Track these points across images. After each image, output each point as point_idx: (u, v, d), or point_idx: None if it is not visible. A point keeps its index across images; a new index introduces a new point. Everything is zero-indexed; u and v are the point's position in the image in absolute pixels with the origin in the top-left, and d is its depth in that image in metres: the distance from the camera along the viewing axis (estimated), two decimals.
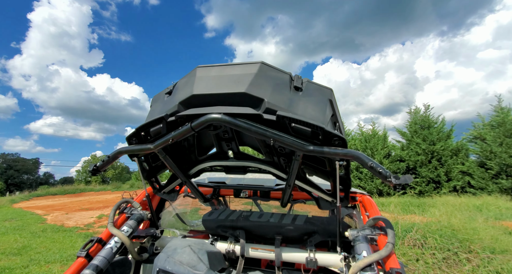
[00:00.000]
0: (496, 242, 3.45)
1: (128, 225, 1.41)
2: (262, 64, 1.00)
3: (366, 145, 17.59)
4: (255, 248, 1.44)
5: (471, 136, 15.13)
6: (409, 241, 3.38)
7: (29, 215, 13.22)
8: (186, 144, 1.33)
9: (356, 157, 0.93)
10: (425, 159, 15.42)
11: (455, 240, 3.36)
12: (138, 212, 1.52)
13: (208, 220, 1.60)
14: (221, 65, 1.05)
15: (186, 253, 1.20)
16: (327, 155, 0.96)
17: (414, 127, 16.96)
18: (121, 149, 1.26)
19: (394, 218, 4.14)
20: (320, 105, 1.03)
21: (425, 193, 14.90)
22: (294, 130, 0.96)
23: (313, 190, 1.30)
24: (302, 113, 0.98)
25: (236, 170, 1.45)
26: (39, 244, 6.92)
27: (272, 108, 0.95)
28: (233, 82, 0.98)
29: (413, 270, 2.84)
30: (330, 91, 1.09)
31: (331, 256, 1.32)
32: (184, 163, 1.42)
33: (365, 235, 1.14)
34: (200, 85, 1.01)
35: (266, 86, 0.98)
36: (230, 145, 1.28)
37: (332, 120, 1.08)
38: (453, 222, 3.94)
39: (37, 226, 9.74)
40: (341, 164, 1.04)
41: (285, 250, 1.39)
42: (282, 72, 1.04)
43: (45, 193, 27.53)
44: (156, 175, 1.51)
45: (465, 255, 3.05)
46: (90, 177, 49.83)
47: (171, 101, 1.09)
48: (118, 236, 1.31)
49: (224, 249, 1.46)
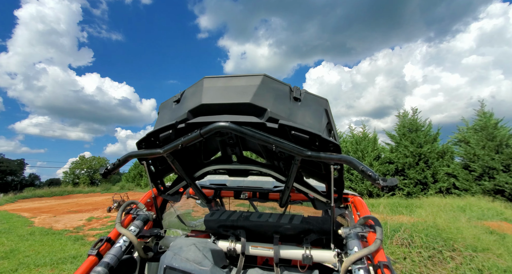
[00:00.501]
0: (478, 241, 3.64)
1: (135, 225, 1.47)
2: (265, 77, 1.09)
3: (357, 147, 17.94)
4: (255, 246, 1.52)
5: (456, 139, 15.67)
6: (397, 240, 3.53)
7: (15, 217, 12.85)
8: (192, 149, 1.40)
9: (349, 162, 1.02)
10: (413, 161, 15.86)
11: (440, 239, 3.53)
12: (143, 212, 1.59)
13: (210, 220, 1.67)
14: (227, 76, 1.13)
15: (191, 250, 1.27)
16: (323, 160, 1.05)
17: (402, 130, 17.43)
18: (132, 153, 1.31)
19: (383, 218, 4.30)
20: (317, 114, 1.13)
21: (413, 194, 15.33)
22: (294, 137, 1.04)
23: (310, 192, 1.39)
24: (301, 122, 1.07)
25: (239, 173, 1.53)
26: (28, 247, 6.76)
27: (274, 117, 1.03)
28: (239, 93, 1.06)
29: (401, 268, 2.98)
30: (325, 101, 1.19)
31: (325, 253, 1.40)
32: (190, 166, 1.49)
33: (356, 232, 1.24)
34: (208, 95, 1.08)
35: (269, 97, 1.06)
36: (234, 149, 1.36)
37: (327, 128, 1.17)
38: (438, 222, 4.12)
39: (24, 229, 9.48)
40: (335, 167, 1.13)
41: (283, 248, 1.47)
42: (282, 84, 1.12)
43: (31, 195, 26.72)
44: (162, 177, 1.58)
45: (449, 253, 3.21)
46: (78, 178, 48.63)
47: (180, 109, 1.16)
48: (126, 235, 1.37)
49: (225, 247, 1.53)
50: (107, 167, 1.36)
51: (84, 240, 7.34)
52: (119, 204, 14.42)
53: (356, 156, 17.75)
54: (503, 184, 11.79)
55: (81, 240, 7.38)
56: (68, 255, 5.72)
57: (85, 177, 48.13)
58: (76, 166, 49.44)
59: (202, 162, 1.49)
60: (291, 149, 1.04)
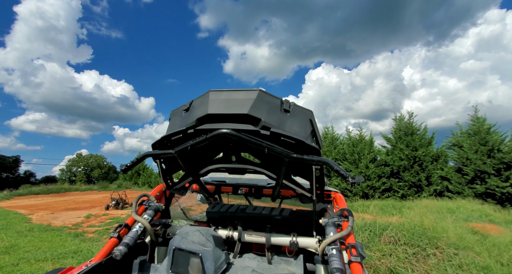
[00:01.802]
0: (461, 240, 3.85)
1: (148, 214, 1.71)
2: (260, 91, 1.31)
3: (354, 150, 18.21)
4: (250, 234, 1.77)
5: (450, 143, 15.99)
6: (385, 238, 3.73)
7: (12, 214, 12.83)
8: (198, 150, 1.61)
9: (326, 163, 1.24)
10: (408, 164, 16.16)
11: (425, 237, 3.74)
12: (155, 204, 1.82)
13: (212, 212, 1.93)
14: (228, 90, 1.35)
15: (196, 235, 1.49)
16: (306, 161, 1.27)
17: (398, 133, 17.73)
18: (147, 152, 1.55)
19: (373, 218, 4.51)
20: (302, 123, 1.36)
21: (407, 196, 15.61)
22: (283, 142, 1.26)
23: (297, 188, 1.61)
24: (289, 130, 1.29)
25: (237, 171, 1.75)
26: (27, 243, 6.82)
27: (267, 125, 1.25)
28: (238, 105, 1.27)
29: (386, 263, 3.18)
30: (310, 112, 1.42)
31: (308, 240, 1.65)
32: (196, 165, 1.72)
33: (334, 221, 1.48)
34: (213, 106, 1.30)
35: (263, 109, 1.28)
36: (234, 151, 1.59)
37: (312, 134, 1.41)
38: (425, 222, 4.34)
39: (22, 225, 9.53)
40: (316, 167, 1.35)
41: (274, 236, 1.71)
42: (274, 98, 1.35)
43: (27, 192, 26.64)
44: (171, 174, 1.80)
45: (432, 250, 3.42)
46: (75, 176, 48.51)
47: (190, 117, 1.38)
48: (141, 222, 1.60)
49: (224, 235, 1.78)
50: (126, 164, 1.60)
51: (84, 236, 7.46)
52: (117, 202, 14.54)
53: (353, 158, 18.01)
54: (494, 188, 12.09)
55: (80, 236, 7.51)
56: (69, 250, 5.84)
57: (82, 175, 48.03)
58: (72, 164, 49.32)
59: (206, 161, 1.71)
60: (280, 152, 1.26)
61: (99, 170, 49.37)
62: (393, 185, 16.41)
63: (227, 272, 1.43)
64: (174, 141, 1.43)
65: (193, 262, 1.39)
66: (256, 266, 1.50)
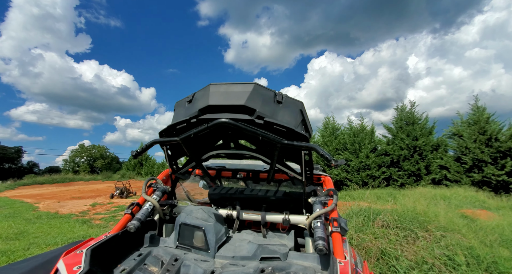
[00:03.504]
0: (450, 223, 4.04)
1: (156, 195, 1.90)
2: (256, 85, 1.45)
3: (354, 139, 18.32)
4: (247, 213, 1.96)
5: (450, 132, 16.05)
6: (378, 222, 3.92)
7: (18, 203, 13.17)
8: (200, 137, 1.77)
9: (313, 148, 1.39)
10: (408, 153, 16.31)
11: (416, 221, 3.92)
12: (162, 186, 2.00)
13: (213, 194, 2.12)
14: (227, 84, 1.49)
15: (199, 212, 1.66)
16: (295, 147, 1.42)
17: (399, 123, 17.79)
18: (155, 140, 1.72)
19: (369, 205, 4.70)
20: (293, 113, 1.51)
21: (406, 185, 15.86)
22: (275, 130, 1.41)
23: (289, 171, 1.76)
24: (281, 119, 1.44)
25: (236, 156, 1.93)
26: (36, 229, 7.01)
27: (261, 115, 1.40)
28: (236, 97, 1.42)
29: (378, 245, 3.37)
30: (301, 103, 1.57)
31: (299, 217, 1.84)
32: (198, 151, 1.88)
33: (320, 200, 1.65)
34: (213, 98, 1.45)
35: (258, 100, 1.42)
36: (232, 139, 1.74)
37: (302, 123, 1.57)
38: (418, 208, 4.53)
39: (30, 213, 9.80)
40: (305, 153, 1.51)
41: (268, 214, 1.90)
42: (268, 90, 1.49)
43: (32, 182, 27.21)
44: (176, 159, 1.98)
45: (422, 233, 3.60)
46: (78, 166, 49.16)
47: (193, 108, 1.53)
48: (150, 201, 1.78)
49: (224, 213, 1.97)
50: (136, 150, 1.81)
51: (91, 223, 7.74)
52: (122, 191, 14.91)
53: (353, 148, 18.17)
54: (490, 176, 12.28)
55: (88, 222, 7.78)
56: (78, 235, 6.09)
57: (85, 165, 48.68)
58: (76, 154, 49.87)
59: (208, 147, 1.88)
60: (273, 138, 1.41)
61: (102, 160, 49.95)
62: (393, 174, 16.64)
63: (226, 243, 1.60)
64: (179, 129, 1.59)
65: (197, 235, 1.56)
66: (252, 239, 1.67)
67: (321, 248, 1.26)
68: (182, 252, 1.54)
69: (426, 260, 3.18)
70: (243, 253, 1.47)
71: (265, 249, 1.48)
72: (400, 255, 3.25)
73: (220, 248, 1.53)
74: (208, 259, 1.46)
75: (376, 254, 3.30)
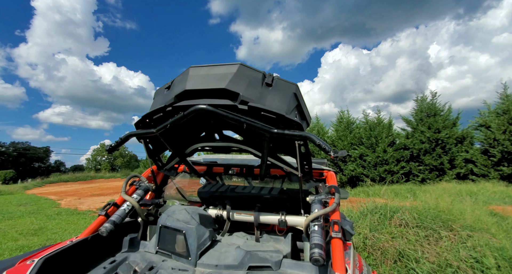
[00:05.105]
0: (478, 222, 3.66)
1: (137, 194, 1.73)
2: (241, 65, 1.24)
3: (371, 133, 17.63)
4: (239, 213, 1.77)
5: (476, 124, 15.02)
6: (395, 221, 3.62)
7: (43, 200, 13.85)
8: (182, 129, 1.58)
9: (308, 137, 1.17)
10: (429, 146, 15.45)
11: (438, 220, 3.58)
12: (145, 184, 1.84)
13: (202, 192, 1.93)
14: (209, 66, 1.28)
15: (182, 213, 1.49)
16: (287, 136, 1.20)
17: (420, 115, 16.88)
18: (131, 132, 1.54)
19: (385, 202, 4.38)
20: (285, 98, 1.27)
21: (428, 180, 15.05)
22: (263, 117, 1.19)
23: (283, 166, 1.55)
24: (269, 104, 1.21)
25: (222, 150, 1.72)
26: (55, 225, 7.33)
27: (245, 100, 1.18)
28: (217, 80, 1.21)
29: (395, 245, 3.09)
30: (295, 86, 1.32)
31: (297, 218, 1.62)
32: (180, 144, 1.69)
33: (320, 199, 1.43)
34: (191, 82, 1.24)
35: (242, 83, 1.21)
36: (216, 129, 1.54)
37: (297, 109, 1.33)
38: (440, 205, 4.15)
39: (51, 209, 10.26)
40: (299, 143, 1.27)
41: (262, 214, 1.69)
42: (256, 71, 1.27)
43: (57, 180, 28.57)
44: (159, 154, 1.79)
45: (446, 233, 3.27)
46: (100, 165, 51.24)
47: (169, 95, 1.33)
48: (129, 201, 1.62)
49: (214, 214, 1.78)
50: (111, 144, 1.60)
51: None
52: None
53: (370, 142, 17.47)
54: None
55: None
56: None
57: (106, 163, 50.69)
58: (97, 153, 52.06)
59: (190, 140, 1.68)
60: (260, 127, 1.19)
61: (122, 159, 51.77)
62: (413, 169, 15.84)
63: (211, 248, 1.42)
64: (157, 120, 1.40)
65: (178, 239, 1.40)
66: (242, 243, 1.48)
67: (316, 258, 1.05)
68: (161, 258, 1.39)
69: (451, 262, 2.87)
70: (228, 261, 1.29)
71: (254, 256, 1.29)
72: (420, 257, 2.95)
73: (202, 255, 1.36)
74: (187, 268, 1.29)
75: (394, 255, 3.02)
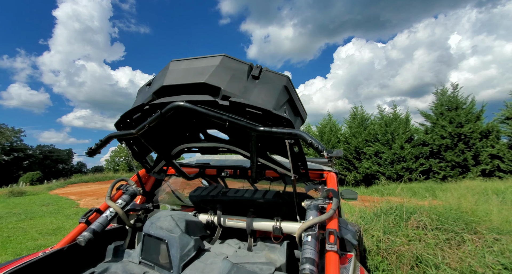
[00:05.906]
0: (506, 224, 3.32)
1: (123, 199, 1.64)
2: (224, 57, 1.12)
3: (387, 129, 16.99)
4: (231, 219, 1.63)
5: (503, 116, 14.09)
6: (413, 223, 3.35)
7: (64, 200, 14.48)
8: (164, 129, 1.47)
9: (299, 135, 1.03)
10: (450, 142, 14.65)
11: (461, 222, 3.28)
12: (132, 188, 1.74)
13: (193, 196, 1.81)
14: (190, 59, 1.17)
15: (167, 220, 1.38)
16: (276, 134, 1.06)
17: (440, 109, 16.05)
18: (111, 134, 1.44)
19: (401, 201, 4.10)
20: (273, 91, 1.13)
21: (449, 178, 14.27)
22: (249, 113, 1.06)
23: (276, 167, 1.40)
24: (255, 99, 1.07)
25: (209, 150, 1.59)
26: (72, 225, 7.60)
27: (227, 95, 1.06)
28: (197, 74, 1.09)
29: (412, 249, 2.84)
30: (286, 78, 1.18)
31: (293, 224, 1.46)
32: (164, 145, 1.58)
33: (317, 204, 1.28)
34: (170, 77, 1.14)
35: (224, 76, 1.08)
36: (199, 128, 1.42)
37: (289, 104, 1.18)
38: (463, 205, 3.82)
39: (70, 209, 10.67)
40: (290, 142, 1.12)
41: (256, 220, 1.55)
42: (242, 63, 1.14)
43: (79, 181, 29.79)
44: (145, 156, 1.69)
45: (469, 236, 2.98)
46: (118, 165, 53.09)
47: (149, 92, 1.23)
48: (112, 207, 1.54)
49: (204, 219, 1.66)
50: (91, 147, 1.50)
51: None
52: None
53: (385, 139, 16.82)
54: None
55: None
56: None
57: (123, 164, 52.42)
58: (115, 154, 53.96)
59: (175, 141, 1.56)
60: (244, 125, 1.06)
61: None
62: (433, 166, 15.08)
63: (196, 259, 1.30)
64: (137, 119, 1.30)
65: (162, 249, 1.30)
66: (232, 253, 1.35)
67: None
68: (143, 270, 1.28)
69: (475, 269, 2.60)
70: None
71: (241, 269, 1.15)
72: (441, 262, 2.69)
73: (186, 267, 1.24)
74: None
75: (410, 260, 2.78)
